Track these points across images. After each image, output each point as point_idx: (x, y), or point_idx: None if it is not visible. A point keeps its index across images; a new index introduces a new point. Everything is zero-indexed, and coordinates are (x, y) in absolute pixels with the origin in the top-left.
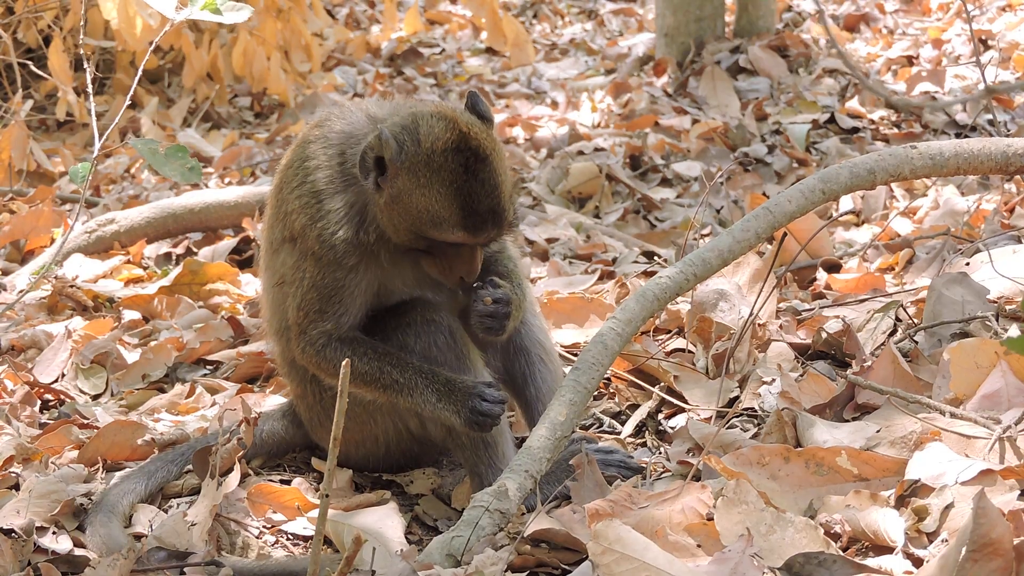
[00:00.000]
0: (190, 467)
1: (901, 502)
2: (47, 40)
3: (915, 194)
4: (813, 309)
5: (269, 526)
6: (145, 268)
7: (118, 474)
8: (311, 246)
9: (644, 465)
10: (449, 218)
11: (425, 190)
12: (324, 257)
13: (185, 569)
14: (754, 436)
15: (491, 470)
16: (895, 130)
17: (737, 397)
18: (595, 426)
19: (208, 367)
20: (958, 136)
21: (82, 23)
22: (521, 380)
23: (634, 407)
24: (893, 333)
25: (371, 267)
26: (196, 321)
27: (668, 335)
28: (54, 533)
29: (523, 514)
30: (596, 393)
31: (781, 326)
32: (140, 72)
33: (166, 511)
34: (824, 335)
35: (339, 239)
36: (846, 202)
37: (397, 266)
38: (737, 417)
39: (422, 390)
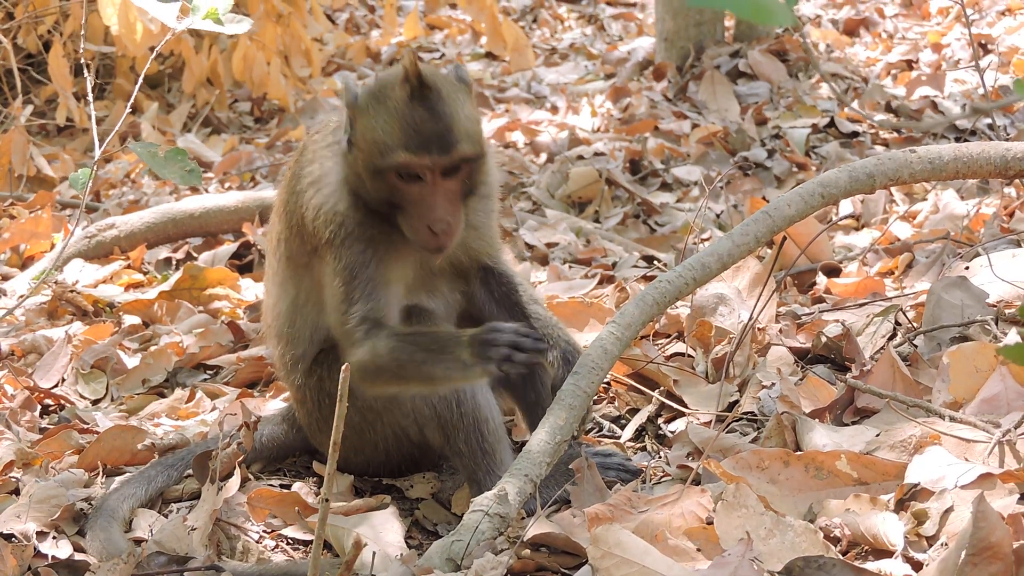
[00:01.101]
0: (190, 472)
1: (901, 506)
2: (47, 45)
3: (915, 198)
4: (813, 313)
5: (269, 530)
6: (145, 273)
7: (118, 479)
8: (322, 236)
9: (643, 468)
10: (392, 142)
11: (373, 121)
12: (335, 238)
13: (185, 574)
14: (754, 440)
15: (489, 477)
16: (895, 134)
17: (737, 401)
18: (595, 430)
19: (208, 372)
20: (957, 140)
21: (82, 28)
22: (521, 384)
23: (634, 411)
24: (892, 337)
25: (377, 247)
26: (196, 326)
27: (668, 339)
28: (54, 538)
29: (523, 518)
30: (596, 397)
31: (781, 330)
32: (141, 78)
33: (166, 516)
34: (824, 339)
35: (339, 212)
36: (846, 206)
37: (394, 257)
38: (737, 421)
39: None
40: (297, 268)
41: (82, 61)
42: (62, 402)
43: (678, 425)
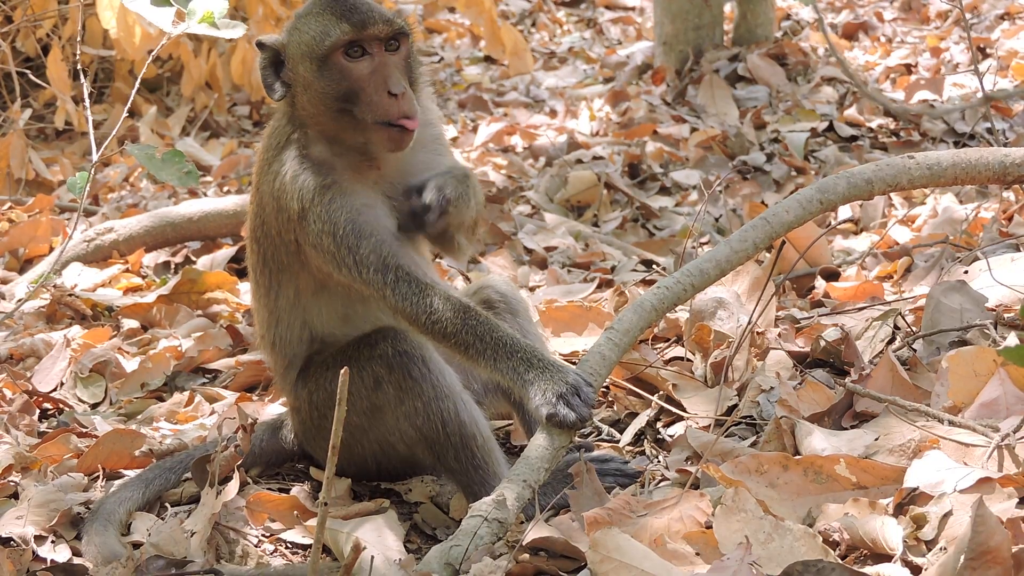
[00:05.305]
0: (188, 475)
1: (900, 510)
2: (46, 49)
3: (914, 202)
4: (812, 317)
5: (268, 534)
6: (144, 277)
7: (116, 483)
8: (294, 211)
9: (642, 472)
10: (333, 23)
11: (307, 26)
12: (305, 202)
13: None
14: (752, 444)
15: (484, 489)
16: (893, 139)
17: (736, 405)
18: (594, 434)
19: (207, 376)
20: (957, 144)
21: (80, 32)
22: None
23: (633, 415)
24: (891, 341)
25: (348, 197)
26: (195, 330)
27: (667, 343)
28: (52, 542)
29: (522, 523)
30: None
31: (780, 334)
32: (139, 82)
33: (164, 519)
34: (823, 343)
35: (300, 176)
36: (845, 210)
37: (368, 207)
38: (736, 425)
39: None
40: (284, 273)
41: (79, 65)
42: (61, 406)
43: (677, 429)
